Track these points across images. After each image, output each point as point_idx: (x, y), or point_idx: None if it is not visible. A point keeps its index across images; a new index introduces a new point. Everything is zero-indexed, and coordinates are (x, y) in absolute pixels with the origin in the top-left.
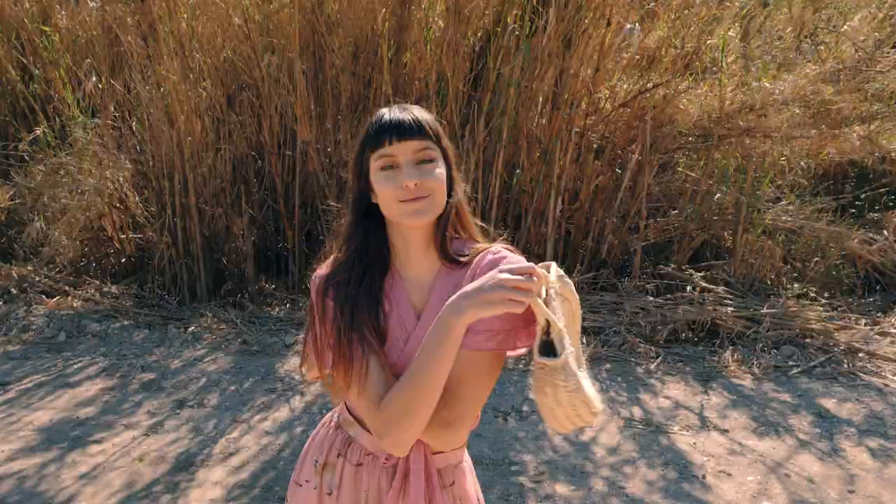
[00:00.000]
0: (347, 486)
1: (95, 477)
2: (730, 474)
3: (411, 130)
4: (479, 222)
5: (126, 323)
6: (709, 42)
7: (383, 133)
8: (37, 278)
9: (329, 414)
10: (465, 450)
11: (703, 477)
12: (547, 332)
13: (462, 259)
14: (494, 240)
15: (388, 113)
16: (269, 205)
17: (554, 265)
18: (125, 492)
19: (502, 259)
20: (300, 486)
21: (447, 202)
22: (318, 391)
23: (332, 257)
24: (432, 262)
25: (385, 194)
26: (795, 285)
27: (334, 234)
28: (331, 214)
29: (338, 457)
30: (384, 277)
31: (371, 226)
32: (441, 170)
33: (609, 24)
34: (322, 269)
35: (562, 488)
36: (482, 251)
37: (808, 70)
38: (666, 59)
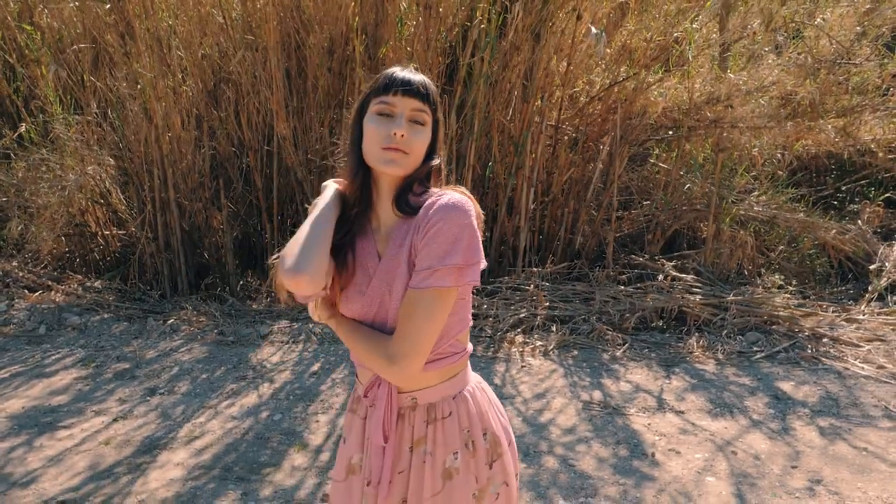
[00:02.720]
0: (355, 432)
1: (60, 460)
2: (679, 452)
3: (416, 91)
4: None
5: (106, 316)
6: (675, 35)
7: (392, 84)
8: (20, 273)
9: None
10: (467, 379)
11: (653, 455)
12: None
13: (417, 210)
14: (450, 186)
15: (401, 70)
16: (251, 200)
17: None
18: (87, 473)
19: (437, 200)
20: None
21: (424, 164)
22: (286, 378)
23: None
24: (394, 212)
25: (372, 135)
26: (776, 276)
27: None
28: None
29: (348, 411)
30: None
31: (366, 171)
32: (426, 136)
33: (580, 17)
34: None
35: None
36: (431, 196)
37: (770, 61)
38: (637, 52)
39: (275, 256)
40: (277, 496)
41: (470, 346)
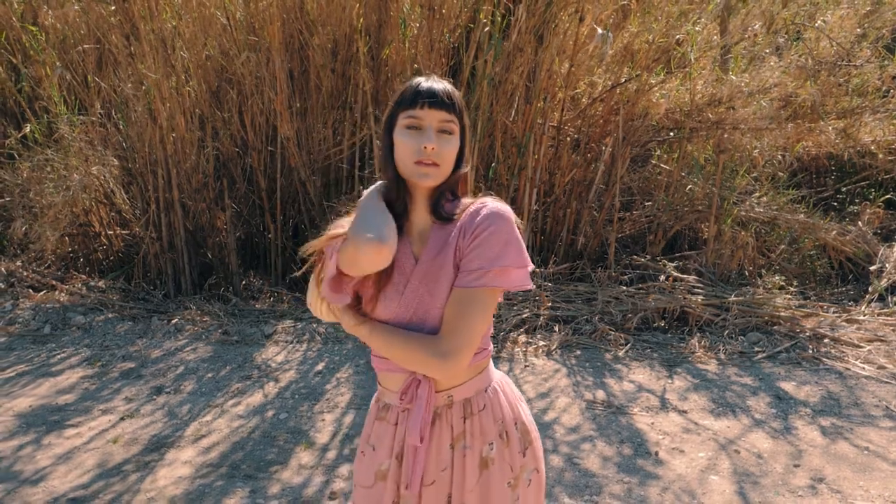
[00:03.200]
0: (387, 439)
1: (69, 458)
2: (682, 451)
3: (442, 102)
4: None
5: (111, 316)
6: (677, 37)
7: (418, 97)
8: (25, 273)
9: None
10: (492, 375)
11: (657, 453)
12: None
13: (454, 216)
14: (483, 194)
15: (426, 81)
16: (254, 200)
17: None
18: (96, 471)
19: (482, 207)
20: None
21: (454, 173)
22: (291, 378)
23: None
24: (429, 218)
25: (404, 149)
26: (776, 277)
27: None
28: (314, 209)
29: (375, 420)
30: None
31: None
32: (455, 144)
33: (582, 19)
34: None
35: None
36: (469, 205)
37: (771, 64)
38: (639, 54)
39: (342, 237)
40: (285, 494)
41: (491, 345)
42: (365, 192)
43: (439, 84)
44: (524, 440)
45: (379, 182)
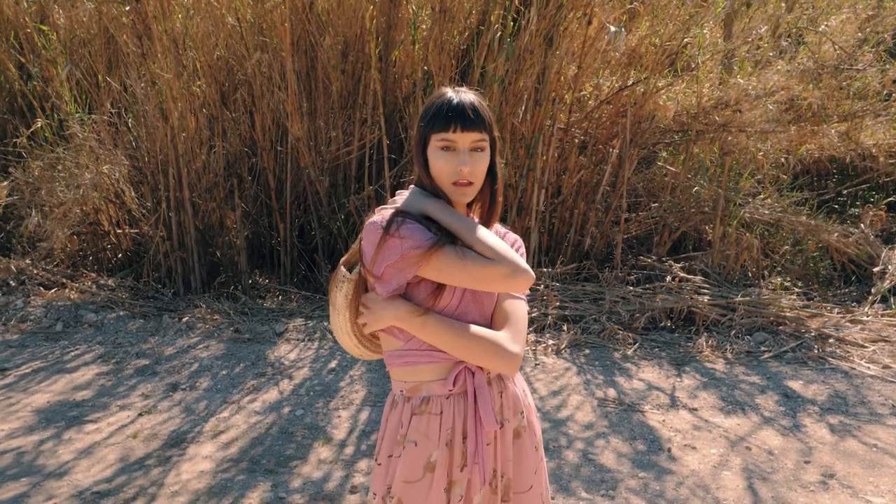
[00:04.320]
0: (432, 430)
1: (90, 452)
2: (694, 447)
3: (473, 123)
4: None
5: (122, 313)
6: (686, 40)
7: (450, 120)
8: (35, 271)
9: (388, 402)
10: None
11: (669, 450)
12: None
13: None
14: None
15: (455, 97)
16: (263, 200)
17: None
18: (118, 465)
19: (507, 234)
20: (380, 464)
21: (493, 187)
22: (305, 375)
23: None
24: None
25: (440, 170)
26: (778, 278)
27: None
28: (322, 209)
29: (413, 416)
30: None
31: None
32: (487, 157)
33: (591, 22)
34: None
35: None
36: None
37: (778, 67)
38: (646, 56)
39: (495, 264)
40: (307, 488)
41: None
42: (411, 195)
43: (467, 99)
44: (535, 407)
45: (415, 188)
